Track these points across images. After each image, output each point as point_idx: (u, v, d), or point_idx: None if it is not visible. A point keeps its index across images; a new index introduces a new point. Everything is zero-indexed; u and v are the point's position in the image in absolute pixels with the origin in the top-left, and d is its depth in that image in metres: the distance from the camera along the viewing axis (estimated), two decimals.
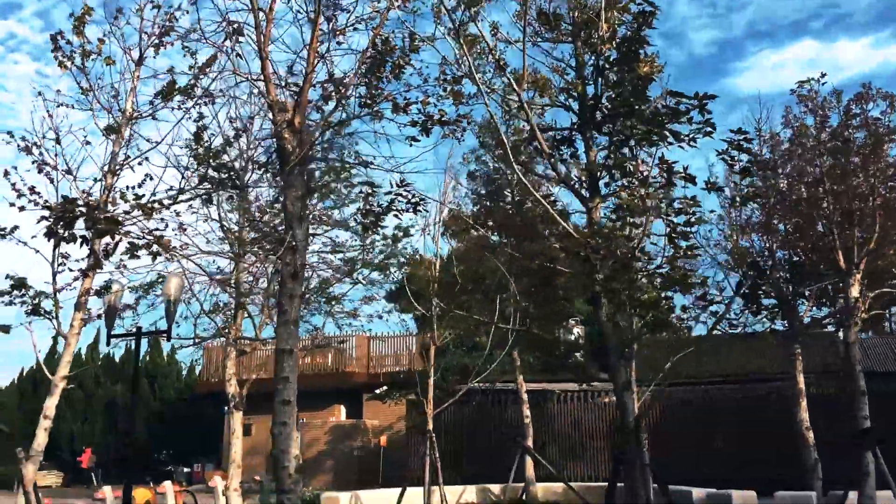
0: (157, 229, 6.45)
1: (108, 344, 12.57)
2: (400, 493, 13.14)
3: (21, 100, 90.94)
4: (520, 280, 14.17)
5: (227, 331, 14.66)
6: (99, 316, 9.43)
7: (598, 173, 5.47)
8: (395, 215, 7.15)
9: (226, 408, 29.11)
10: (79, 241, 5.24)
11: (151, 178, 9.37)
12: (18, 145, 8.93)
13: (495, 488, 16.41)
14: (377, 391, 26.95)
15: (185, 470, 23.63)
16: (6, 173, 8.18)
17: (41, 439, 7.96)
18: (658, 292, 6.77)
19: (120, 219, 5.28)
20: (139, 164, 8.43)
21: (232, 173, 8.87)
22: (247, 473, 26.14)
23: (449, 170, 13.56)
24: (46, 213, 7.64)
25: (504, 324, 14.67)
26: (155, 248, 5.85)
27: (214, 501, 16.36)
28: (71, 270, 8.48)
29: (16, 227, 8.57)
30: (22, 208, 8.50)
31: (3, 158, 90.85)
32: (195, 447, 31.97)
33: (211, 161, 8.60)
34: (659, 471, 12.23)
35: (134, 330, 12.85)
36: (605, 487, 15.68)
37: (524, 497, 15.70)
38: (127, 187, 8.79)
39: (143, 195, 7.07)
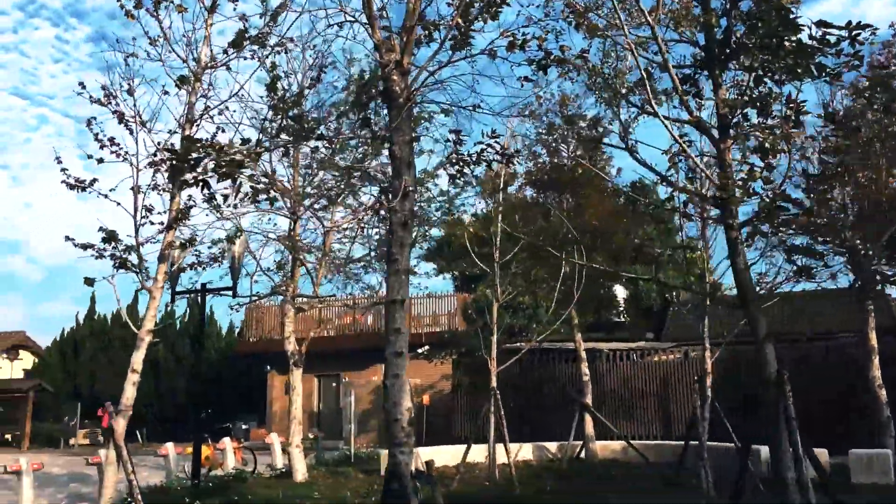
0: (273, 171, 6.23)
1: (172, 301, 12.52)
2: (465, 449, 13.08)
3: (42, 66, 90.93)
4: (582, 237, 13.92)
5: (284, 289, 14.58)
6: (183, 269, 9.31)
7: (732, 112, 5.14)
8: (488, 165, 6.88)
9: (268, 367, 29.42)
10: (200, 184, 5.04)
11: (223, 131, 9.20)
12: (91, 97, 8.74)
13: (551, 446, 16.34)
14: (419, 350, 26.98)
15: (244, 427, 23.87)
16: (89, 123, 8.01)
17: (129, 394, 7.89)
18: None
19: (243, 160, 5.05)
20: (219, 113, 8.21)
21: (312, 123, 8.58)
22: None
23: (509, 120, 13.06)
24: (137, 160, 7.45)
25: (562, 282, 14.48)
26: (273, 193, 5.63)
27: (271, 458, 16.47)
28: (152, 224, 8.35)
29: (95, 180, 8.45)
30: (100, 160, 8.37)
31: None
32: (235, 406, 32.36)
33: (288, 111, 8.38)
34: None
35: (196, 287, 12.84)
36: (663, 445, 15.63)
37: (582, 455, 15.61)
38: (202, 140, 8.63)
39: (249, 140, 6.82)
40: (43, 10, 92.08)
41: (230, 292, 12.27)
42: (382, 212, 8.94)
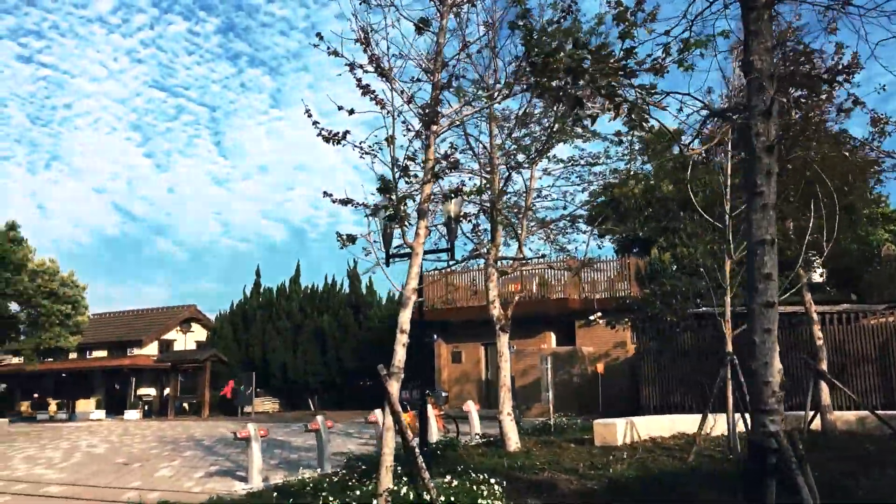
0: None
1: (387, 264, 12.08)
2: (702, 419, 12.02)
3: (177, 58, 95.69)
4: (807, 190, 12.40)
5: (486, 251, 13.96)
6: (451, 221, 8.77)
7: None
8: (829, 84, 5.74)
9: (435, 336, 29.28)
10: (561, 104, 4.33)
11: (457, 79, 8.52)
12: (328, 48, 8.25)
13: None
14: (590, 318, 26.01)
15: (444, 394, 23.78)
16: (352, 68, 7.50)
17: (400, 355, 7.41)
18: None
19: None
20: (478, 52, 7.49)
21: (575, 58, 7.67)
22: (459, 400, 26.15)
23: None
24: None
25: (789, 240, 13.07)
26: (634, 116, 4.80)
27: (469, 426, 16.05)
28: (407, 176, 7.80)
29: (347, 132, 7.98)
30: (351, 111, 7.87)
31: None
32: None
33: (540, 48, 7.55)
34: None
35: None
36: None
37: (812, 426, 14.15)
38: (441, 85, 7.97)
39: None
40: (175, 4, 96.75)
41: (447, 254, 11.69)
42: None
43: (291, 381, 33.91)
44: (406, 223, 7.60)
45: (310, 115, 8.00)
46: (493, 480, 7.54)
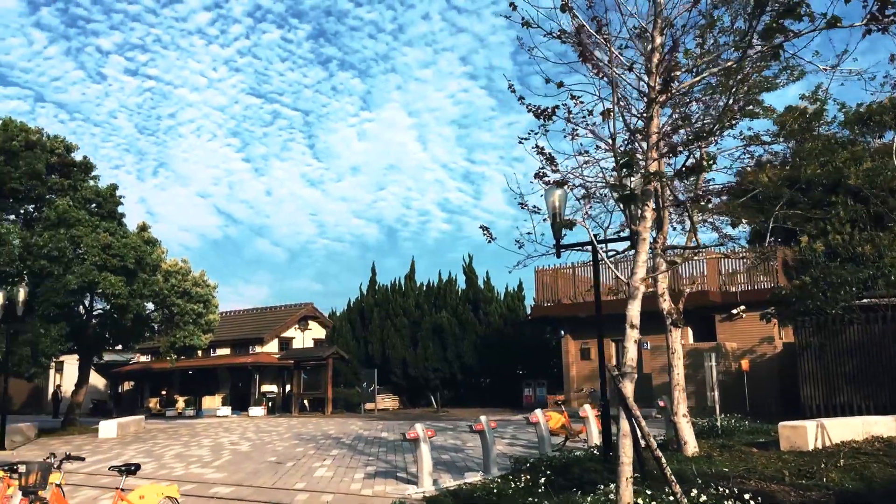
0: None
1: (557, 256, 11.31)
2: None
3: (271, 65, 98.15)
4: None
5: (652, 240, 12.95)
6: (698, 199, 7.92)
7: None
8: None
9: (562, 332, 28.36)
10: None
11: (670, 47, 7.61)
12: (522, 20, 7.53)
13: None
14: (733, 311, 24.49)
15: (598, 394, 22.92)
16: (577, 32, 6.75)
17: (632, 353, 6.66)
18: None
19: None
20: (715, 6, 6.58)
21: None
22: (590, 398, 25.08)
23: None
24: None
25: None
26: None
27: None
28: (635, 153, 6.98)
29: (557, 107, 7.26)
30: (560, 84, 7.12)
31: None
32: (520, 370, 31.82)
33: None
34: None
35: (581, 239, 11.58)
36: None
37: None
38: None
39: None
40: (269, 14, 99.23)
41: (627, 243, 10.79)
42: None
43: (412, 378, 33.69)
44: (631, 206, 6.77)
45: (513, 91, 7.33)
46: (746, 496, 6.63)
